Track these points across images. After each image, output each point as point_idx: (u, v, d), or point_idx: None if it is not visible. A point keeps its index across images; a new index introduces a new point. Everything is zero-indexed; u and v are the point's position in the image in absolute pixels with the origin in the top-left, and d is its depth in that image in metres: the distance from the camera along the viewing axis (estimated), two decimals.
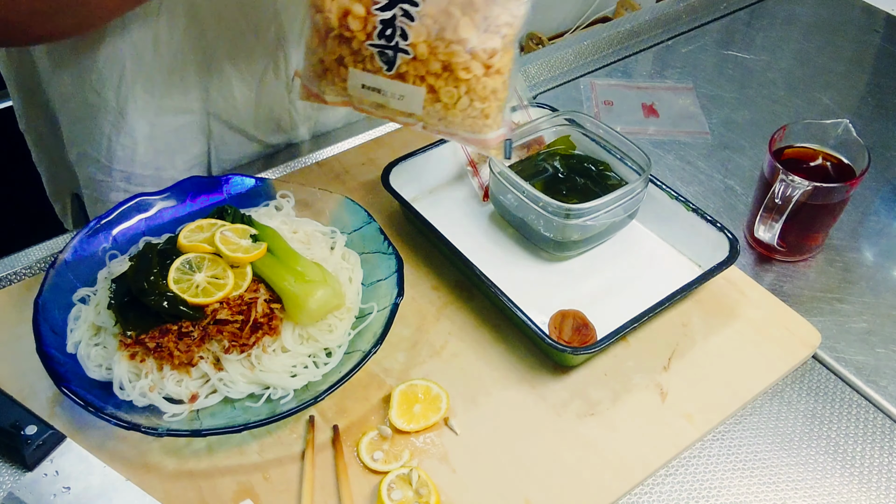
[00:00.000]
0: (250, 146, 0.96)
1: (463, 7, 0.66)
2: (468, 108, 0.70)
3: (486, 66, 0.68)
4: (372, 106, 0.74)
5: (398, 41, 0.67)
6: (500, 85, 0.70)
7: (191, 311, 0.69)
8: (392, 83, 0.70)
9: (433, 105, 0.71)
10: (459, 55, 0.67)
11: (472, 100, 0.70)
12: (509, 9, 0.67)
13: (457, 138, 0.74)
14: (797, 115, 1.09)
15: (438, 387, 0.72)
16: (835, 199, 0.82)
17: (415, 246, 0.86)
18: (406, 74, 0.69)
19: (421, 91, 0.70)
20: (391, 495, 0.64)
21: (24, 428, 0.66)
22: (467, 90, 0.69)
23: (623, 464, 0.68)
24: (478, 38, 0.67)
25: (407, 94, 0.70)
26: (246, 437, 0.69)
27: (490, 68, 0.68)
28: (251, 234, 0.75)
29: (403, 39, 0.67)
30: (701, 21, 1.28)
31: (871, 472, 0.69)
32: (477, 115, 0.71)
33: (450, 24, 0.66)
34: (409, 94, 0.70)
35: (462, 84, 0.68)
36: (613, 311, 0.76)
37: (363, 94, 0.72)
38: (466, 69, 0.68)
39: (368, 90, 0.72)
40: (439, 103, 0.70)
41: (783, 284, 0.86)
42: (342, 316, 0.75)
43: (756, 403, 0.74)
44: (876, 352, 0.79)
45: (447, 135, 0.74)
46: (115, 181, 0.90)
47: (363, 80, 0.71)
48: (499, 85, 0.70)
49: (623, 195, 0.80)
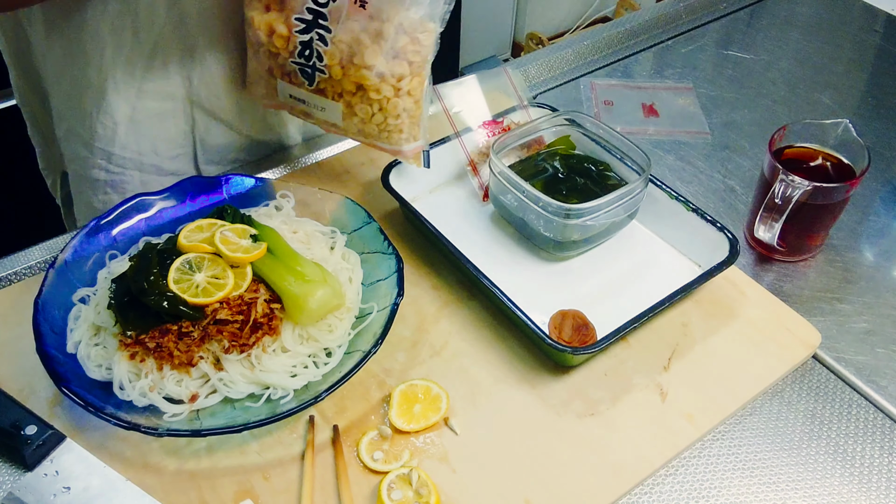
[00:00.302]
0: (237, 139, 0.95)
1: (372, 36, 0.73)
2: (383, 123, 0.80)
3: (395, 88, 0.77)
4: (300, 113, 0.84)
5: (315, 62, 0.75)
6: (412, 105, 0.79)
7: (191, 311, 0.69)
8: (314, 97, 0.79)
9: (351, 119, 0.79)
10: (369, 78, 0.76)
11: (386, 116, 0.78)
12: (417, 39, 0.75)
13: (376, 148, 0.83)
14: (797, 115, 1.09)
15: (438, 387, 0.72)
16: (835, 199, 0.82)
17: (415, 246, 0.86)
18: (325, 90, 0.78)
19: (339, 106, 0.79)
20: (391, 495, 0.64)
21: (24, 428, 0.66)
22: (380, 108, 0.78)
23: (623, 464, 0.68)
24: (386, 64, 0.75)
25: (327, 108, 0.79)
26: (246, 437, 0.69)
27: (399, 90, 0.77)
28: (251, 234, 0.75)
29: (319, 60, 0.75)
30: (701, 21, 1.28)
31: (871, 472, 0.69)
32: (392, 129, 0.80)
33: (359, 51, 0.75)
34: (329, 108, 0.79)
35: (374, 103, 0.78)
36: (613, 311, 0.76)
37: (292, 102, 0.82)
38: (377, 90, 0.77)
39: (295, 100, 0.82)
40: (356, 117, 0.79)
41: (783, 284, 0.86)
42: (342, 316, 0.75)
43: (756, 403, 0.74)
44: (876, 352, 0.79)
45: (368, 144, 0.84)
46: (97, 159, 0.90)
47: (290, 91, 0.81)
48: (410, 105, 0.79)
49: (623, 195, 0.80)
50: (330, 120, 0.82)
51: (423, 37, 0.75)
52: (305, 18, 0.75)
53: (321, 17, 0.74)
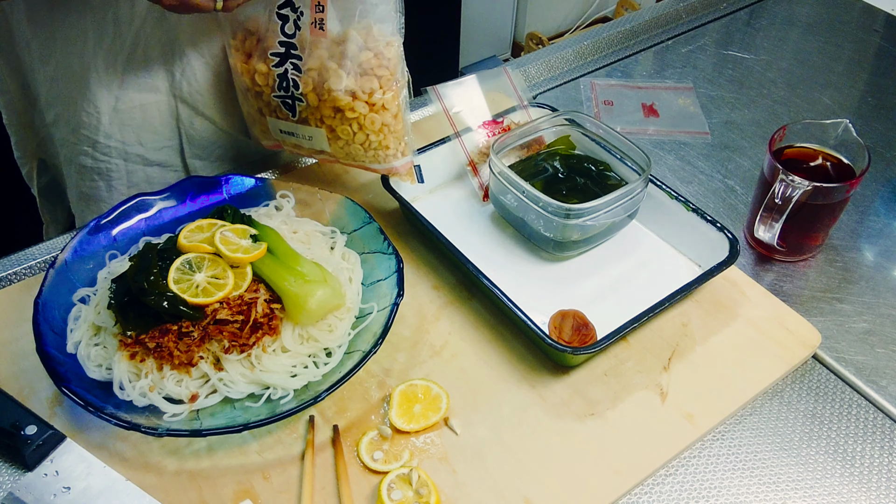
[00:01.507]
0: (222, 136, 0.95)
1: (337, 59, 0.78)
2: (366, 142, 0.82)
3: (368, 104, 0.80)
4: (293, 147, 0.88)
5: (293, 91, 0.81)
6: (391, 118, 0.82)
7: (191, 311, 0.69)
8: (299, 127, 0.84)
9: (336, 142, 0.83)
10: (341, 99, 0.79)
11: (367, 134, 0.82)
12: (381, 53, 0.79)
13: (368, 170, 0.86)
14: (797, 115, 1.09)
15: (438, 387, 0.72)
16: (835, 199, 0.82)
17: (415, 246, 0.86)
18: (308, 119, 0.82)
19: (322, 132, 0.83)
20: (391, 495, 0.64)
21: (24, 428, 0.66)
22: (360, 126, 0.81)
23: (623, 464, 0.68)
24: (354, 81, 0.79)
25: (314, 136, 0.84)
26: (246, 437, 0.69)
27: (374, 105, 0.80)
28: (251, 234, 0.75)
29: (296, 89, 0.81)
30: (701, 21, 1.28)
31: (871, 472, 0.69)
32: (377, 147, 0.83)
33: (328, 75, 0.79)
34: (315, 136, 0.84)
35: (353, 122, 0.81)
36: (613, 311, 0.76)
37: (283, 137, 0.87)
38: (352, 109, 0.80)
39: (285, 134, 0.86)
40: (341, 140, 0.83)
41: (783, 284, 0.86)
42: (342, 316, 0.75)
43: (756, 403, 0.74)
44: (876, 352, 0.79)
45: (360, 167, 0.87)
46: (83, 146, 0.91)
47: (279, 126, 0.85)
48: (388, 119, 0.81)
49: (623, 195, 0.80)
50: (318, 147, 0.86)
51: (385, 50, 0.79)
52: (279, 52, 0.80)
53: (292, 48, 0.79)
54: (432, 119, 1.01)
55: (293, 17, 0.78)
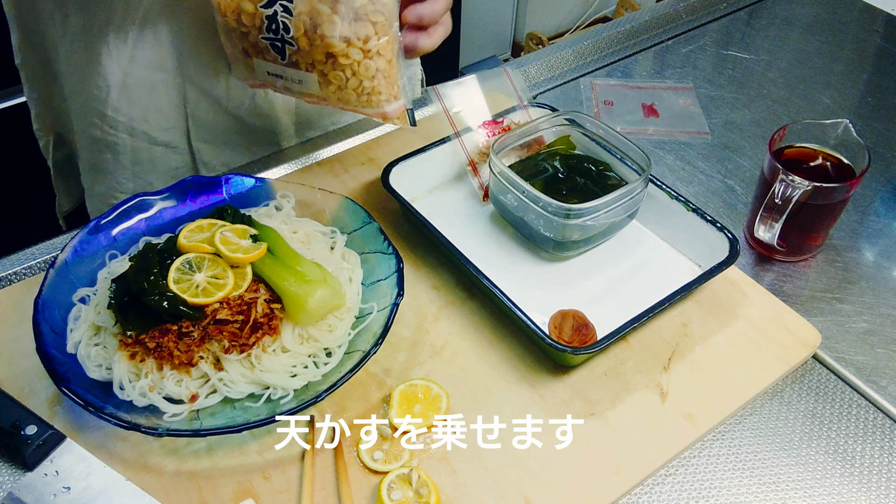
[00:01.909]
0: (227, 119, 0.96)
1: (329, 3, 0.75)
2: (359, 88, 0.80)
3: (363, 50, 0.77)
4: (282, 89, 0.84)
5: (283, 34, 0.77)
6: (385, 64, 0.79)
7: (191, 311, 0.69)
8: (288, 70, 0.80)
9: (328, 87, 0.80)
10: (335, 45, 0.76)
11: (361, 80, 0.79)
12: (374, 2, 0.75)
13: (361, 113, 0.84)
14: (797, 115, 1.09)
15: (438, 387, 0.72)
16: (835, 199, 0.82)
17: (415, 246, 0.86)
18: (298, 62, 0.79)
19: (313, 76, 0.80)
20: (391, 495, 0.64)
21: (24, 428, 0.66)
22: (353, 73, 0.78)
23: (623, 464, 0.68)
24: (348, 27, 0.76)
25: (304, 80, 0.81)
26: (246, 437, 0.69)
27: (369, 52, 0.77)
28: (251, 234, 0.75)
29: (286, 33, 0.77)
30: (700, 21, 1.28)
31: (871, 472, 0.69)
32: (371, 92, 0.80)
33: (321, 19, 0.75)
34: (305, 79, 0.81)
35: (346, 68, 0.78)
36: (613, 311, 0.76)
37: (271, 79, 0.83)
38: (346, 55, 0.77)
39: (274, 76, 0.83)
40: (332, 85, 0.80)
41: (783, 284, 0.86)
42: (342, 316, 0.75)
43: (756, 403, 0.74)
44: (876, 352, 0.79)
45: (351, 110, 0.84)
46: (93, 118, 0.93)
47: (266, 68, 0.82)
48: (383, 65, 0.79)
49: (623, 195, 0.80)
50: (308, 91, 0.83)
51: None
52: None
53: None
54: (432, 119, 1.01)
55: None
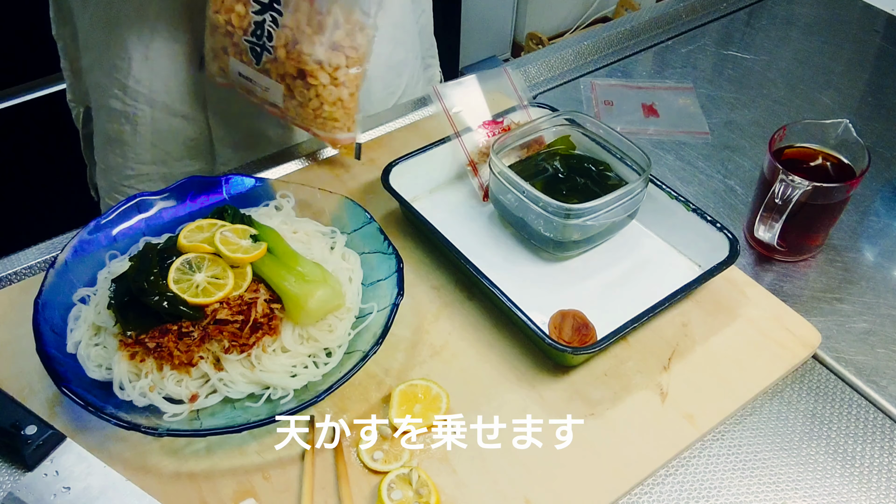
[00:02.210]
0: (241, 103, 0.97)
1: (315, 27, 0.81)
2: (319, 109, 0.86)
3: (332, 77, 0.84)
4: (245, 91, 0.90)
5: (265, 41, 0.84)
6: (347, 96, 0.86)
7: (191, 311, 0.69)
8: (259, 76, 0.87)
9: (290, 101, 0.86)
10: (308, 63, 0.83)
11: (322, 103, 0.86)
12: (353, 37, 0.83)
13: (311, 133, 0.91)
14: (797, 115, 1.09)
15: (438, 387, 0.72)
16: (835, 199, 0.82)
17: (415, 246, 0.86)
18: (270, 71, 0.86)
19: (280, 87, 0.86)
20: (391, 495, 0.64)
21: (24, 428, 0.66)
22: (317, 94, 0.85)
23: (623, 464, 0.68)
24: (324, 53, 0.83)
25: (270, 87, 0.87)
26: (246, 437, 0.69)
27: (336, 80, 0.84)
28: (251, 234, 0.75)
29: (269, 41, 0.83)
30: (700, 21, 1.28)
31: (871, 472, 0.69)
32: (327, 117, 0.87)
33: (302, 38, 0.82)
34: (271, 88, 0.87)
35: (312, 88, 0.85)
36: (613, 311, 0.76)
37: (240, 81, 0.89)
38: (314, 76, 0.84)
39: (243, 78, 0.89)
40: (295, 100, 0.86)
41: (783, 284, 0.86)
42: (342, 316, 0.75)
43: (756, 403, 0.74)
44: (876, 352, 0.79)
45: (304, 128, 0.90)
46: (114, 88, 0.95)
47: (239, 68, 0.88)
48: (344, 95, 0.86)
49: (623, 195, 0.80)
50: (270, 100, 0.88)
51: (359, 34, 0.83)
52: (262, 1, 0.82)
53: (276, 1, 0.82)
54: (432, 119, 1.01)
55: None
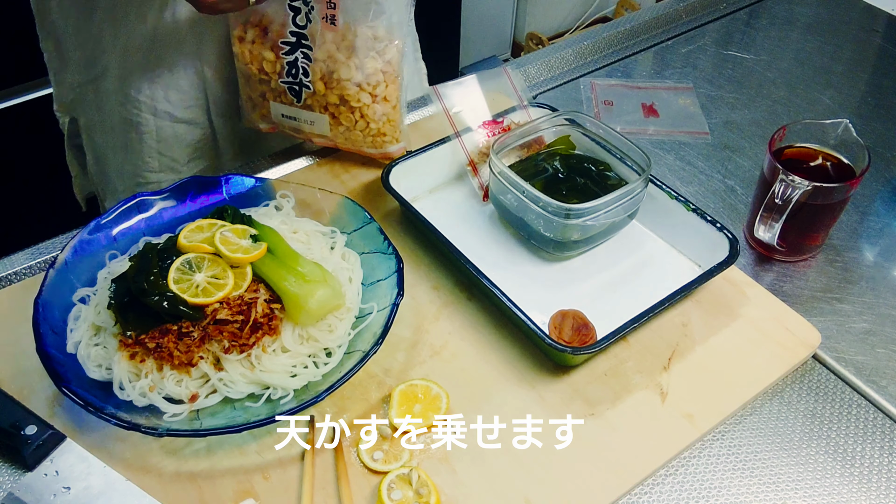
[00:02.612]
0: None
1: (346, 52, 0.85)
2: (366, 129, 0.90)
3: (372, 95, 0.87)
4: (293, 130, 0.93)
5: (301, 78, 0.87)
6: (390, 109, 0.89)
7: (191, 311, 0.69)
8: (302, 112, 0.91)
9: (338, 128, 0.91)
10: (349, 89, 0.86)
11: (368, 122, 0.89)
12: (386, 51, 0.86)
13: (365, 154, 0.93)
14: (797, 115, 1.09)
15: (438, 387, 0.72)
16: (835, 199, 0.82)
17: (415, 246, 0.86)
18: (312, 105, 0.89)
19: (325, 118, 0.89)
20: (391, 495, 0.64)
21: (24, 428, 0.66)
22: (361, 115, 0.88)
23: (623, 464, 0.68)
24: (361, 75, 0.86)
25: (316, 120, 0.90)
26: (246, 437, 0.69)
27: (376, 97, 0.88)
28: (251, 234, 0.75)
29: (305, 77, 0.87)
30: (700, 21, 1.28)
31: (871, 472, 0.69)
32: (375, 134, 0.90)
33: (337, 66, 0.85)
34: (317, 120, 0.90)
35: (356, 111, 0.88)
36: (613, 311, 0.76)
37: (284, 121, 0.92)
38: (357, 99, 0.87)
39: (287, 118, 0.92)
40: (342, 126, 0.90)
41: (783, 284, 0.86)
42: (342, 316, 0.75)
43: (756, 403, 0.74)
44: (876, 352, 0.79)
45: (357, 151, 0.93)
46: (119, 97, 0.96)
47: (281, 110, 0.91)
48: (388, 110, 0.89)
49: (623, 195, 0.80)
50: (318, 132, 0.91)
51: (389, 49, 0.86)
52: (289, 41, 0.85)
53: (303, 38, 0.84)
54: (432, 119, 1.01)
55: (304, 10, 0.83)
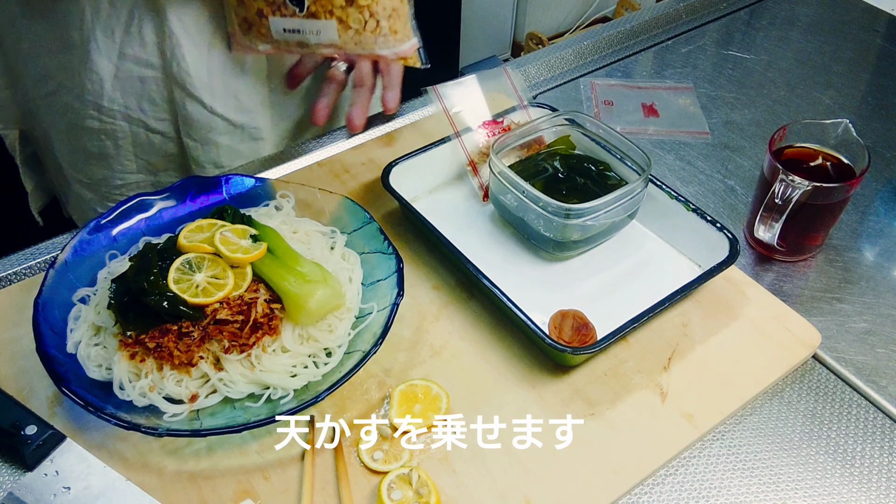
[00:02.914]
0: (212, 119, 0.97)
1: None
2: (377, 29, 0.86)
3: None
4: (297, 46, 0.89)
5: None
6: (398, 3, 0.86)
7: (191, 311, 0.69)
8: (306, 22, 0.85)
9: (346, 32, 0.85)
10: None
11: (378, 20, 0.85)
12: None
13: (376, 56, 0.90)
14: (797, 115, 1.09)
15: (438, 387, 0.72)
16: (835, 199, 0.82)
17: (415, 246, 0.86)
18: (317, 12, 0.84)
19: (332, 23, 0.85)
20: (391, 495, 0.64)
21: (24, 428, 0.66)
22: (370, 14, 0.85)
23: (623, 464, 0.68)
24: None
25: (322, 29, 0.86)
26: (246, 437, 0.69)
27: None
28: (251, 234, 0.75)
29: None
30: (700, 21, 1.28)
31: (871, 472, 0.69)
32: (386, 33, 0.87)
33: None
34: (323, 28, 0.87)
35: (364, 9, 0.84)
36: (613, 311, 0.76)
37: (286, 37, 0.88)
38: None
39: (289, 32, 0.87)
40: (351, 30, 0.85)
41: (783, 284, 0.86)
42: (342, 316, 0.75)
43: (756, 403, 0.74)
44: (876, 352, 0.79)
45: (368, 56, 0.89)
46: (89, 110, 0.95)
47: (283, 24, 0.86)
48: (397, 3, 0.86)
49: (623, 195, 0.80)
50: (326, 41, 0.87)
51: None
52: None
53: None
54: (432, 119, 1.01)
55: None
